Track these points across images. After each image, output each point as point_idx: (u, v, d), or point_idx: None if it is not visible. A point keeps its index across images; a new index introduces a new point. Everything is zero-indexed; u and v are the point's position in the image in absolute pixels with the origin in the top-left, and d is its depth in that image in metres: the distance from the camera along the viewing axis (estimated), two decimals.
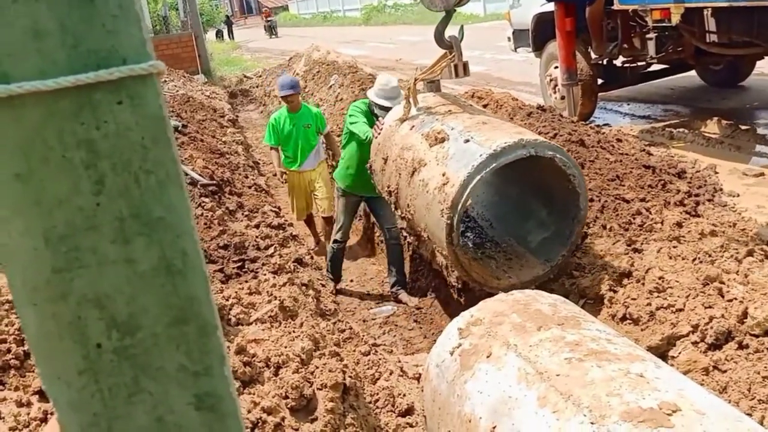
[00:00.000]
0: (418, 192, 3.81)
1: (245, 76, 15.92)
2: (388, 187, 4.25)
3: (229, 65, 19.74)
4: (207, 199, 4.64)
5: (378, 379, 3.51)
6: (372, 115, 4.83)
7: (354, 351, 3.60)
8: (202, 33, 16.03)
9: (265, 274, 3.67)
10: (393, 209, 4.45)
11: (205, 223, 4.20)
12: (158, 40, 15.21)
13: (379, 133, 4.24)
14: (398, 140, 4.13)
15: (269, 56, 21.22)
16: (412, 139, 3.98)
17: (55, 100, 0.68)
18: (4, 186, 0.67)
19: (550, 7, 6.70)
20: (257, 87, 14.39)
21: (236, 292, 3.25)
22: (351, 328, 3.87)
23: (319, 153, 5.94)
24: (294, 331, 3.02)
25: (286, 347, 2.84)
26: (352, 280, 5.81)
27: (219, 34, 33.98)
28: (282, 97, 5.76)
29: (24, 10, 0.65)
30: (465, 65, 4.14)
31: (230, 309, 3.07)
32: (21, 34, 0.66)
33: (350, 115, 4.97)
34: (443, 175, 3.57)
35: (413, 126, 4.06)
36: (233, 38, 32.59)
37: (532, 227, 4.07)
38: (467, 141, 3.60)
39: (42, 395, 2.21)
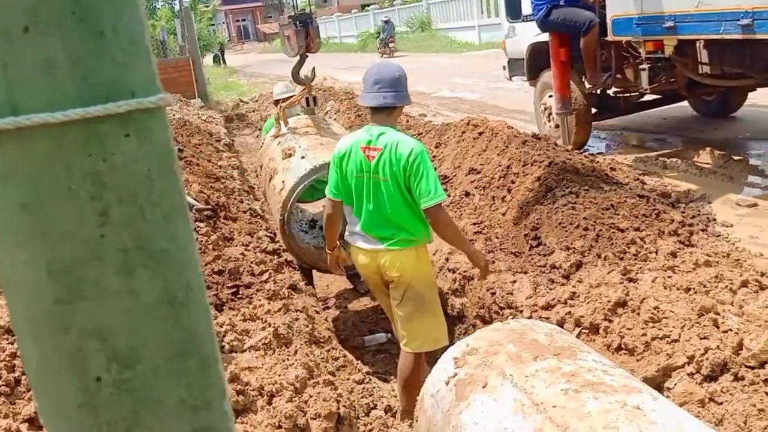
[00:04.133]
0: (271, 194, 5.06)
1: (241, 101, 16.00)
2: (262, 189, 5.53)
3: (225, 90, 19.85)
4: (202, 224, 4.63)
5: (373, 408, 3.48)
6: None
7: (348, 379, 3.57)
8: (200, 58, 16.16)
9: (259, 300, 3.65)
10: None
11: (200, 248, 4.18)
12: (156, 65, 15.30)
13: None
14: (269, 152, 5.36)
15: (266, 81, 21.36)
16: (275, 152, 5.16)
17: (63, 132, 0.68)
18: (10, 217, 0.67)
19: (545, 37, 6.79)
20: (253, 111, 14.46)
21: (230, 319, 3.23)
22: (345, 356, 3.84)
23: None
24: (288, 359, 3.00)
25: (279, 375, 2.82)
26: (346, 307, 5.78)
27: (216, 59, 34.23)
28: None
29: (35, 41, 0.65)
30: (315, 98, 5.46)
31: (224, 336, 3.05)
32: (31, 65, 0.66)
33: None
34: (282, 182, 4.73)
35: (279, 142, 5.22)
36: (225, 64, 32.84)
37: None
38: (303, 157, 4.70)
39: (31, 423, 2.18)
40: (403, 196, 3.09)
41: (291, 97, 5.77)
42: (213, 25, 43.89)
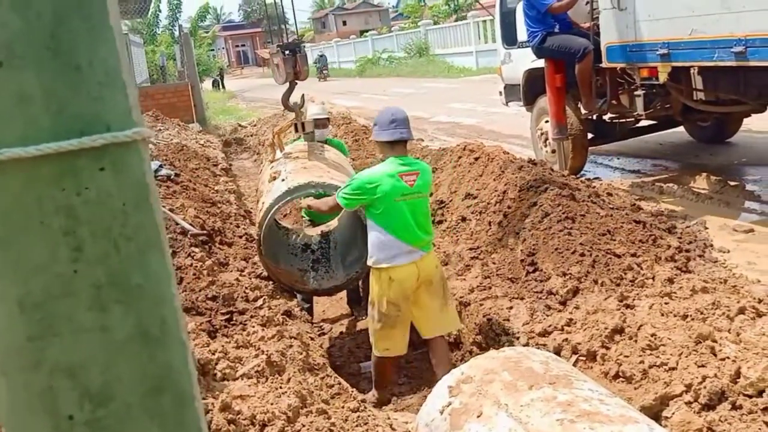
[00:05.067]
0: (259, 215, 5.14)
1: (240, 125, 16.07)
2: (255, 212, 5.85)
3: (224, 114, 19.94)
4: (197, 249, 4.61)
5: None
6: None
7: (342, 407, 3.51)
8: (198, 83, 16.26)
9: (253, 327, 3.62)
10: None
11: (194, 274, 4.15)
12: (155, 90, 15.41)
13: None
14: (262, 176, 5.62)
15: (264, 105, 21.48)
16: (266, 176, 5.35)
17: (36, 166, 0.67)
18: None
19: (541, 63, 6.84)
20: (252, 136, 14.51)
21: (223, 346, 3.19)
22: (340, 383, 3.78)
23: None
24: (281, 387, 2.96)
25: (272, 404, 2.78)
26: (342, 333, 5.73)
27: (216, 84, 34.49)
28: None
29: (9, 75, 0.65)
30: (304, 124, 5.48)
31: (216, 363, 3.01)
32: (6, 99, 0.66)
33: None
34: (263, 203, 4.90)
35: (272, 166, 5.40)
36: (224, 88, 33.23)
37: (351, 250, 5.14)
38: (283, 180, 4.86)
39: None
40: (428, 206, 3.97)
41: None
42: (213, 50, 44.29)
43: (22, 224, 0.67)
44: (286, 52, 5.36)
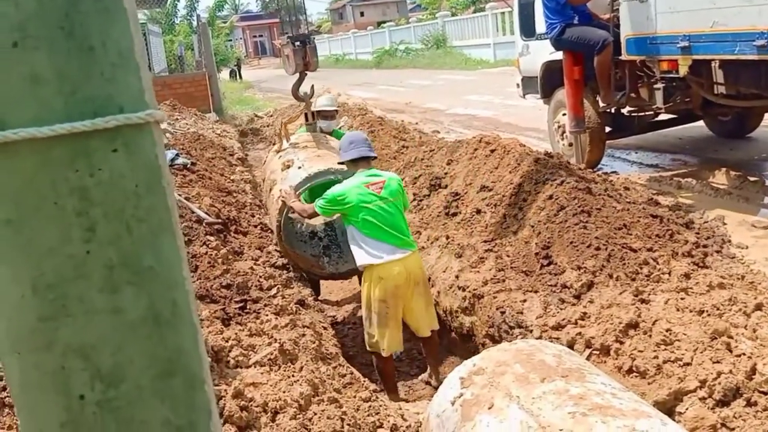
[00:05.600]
0: (271, 203, 5.47)
1: (256, 116, 16.11)
2: (264, 200, 6.08)
3: (241, 104, 20.00)
4: (212, 238, 4.63)
5: (379, 426, 3.43)
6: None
7: (354, 396, 3.53)
8: (216, 72, 16.31)
9: (266, 315, 3.64)
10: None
11: (209, 262, 4.18)
12: (173, 79, 15.48)
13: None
14: (271, 166, 5.78)
15: (280, 96, 21.51)
16: (277, 165, 5.52)
17: (50, 147, 0.67)
18: None
19: (559, 55, 6.78)
20: (268, 126, 14.55)
21: (236, 334, 3.21)
22: (352, 373, 3.80)
23: None
24: (293, 376, 2.97)
25: (284, 392, 2.79)
26: (355, 323, 5.75)
27: (233, 74, 34.59)
28: None
29: (23, 56, 0.65)
30: (314, 114, 5.77)
31: (229, 351, 3.03)
32: (19, 80, 0.66)
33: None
34: (280, 190, 5.00)
35: (281, 156, 5.59)
36: (241, 79, 33.45)
37: None
38: (300, 167, 5.07)
39: None
40: (402, 210, 4.26)
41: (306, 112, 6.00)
42: (230, 40, 44.40)
43: (35, 205, 0.68)
44: (296, 43, 5.48)
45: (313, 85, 5.93)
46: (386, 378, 4.36)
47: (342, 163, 4.45)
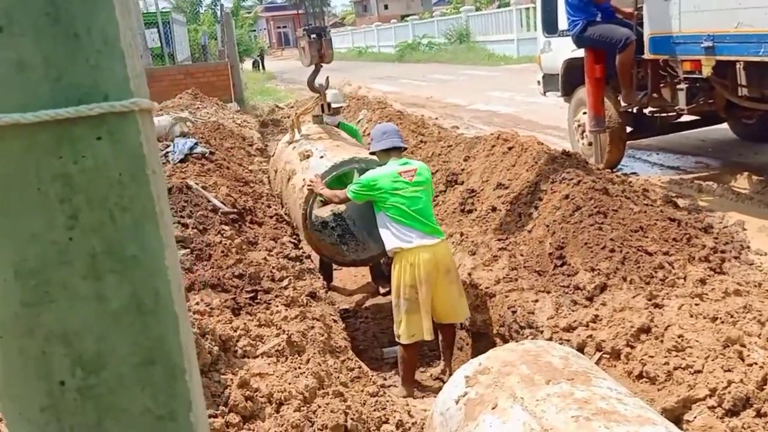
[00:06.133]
0: (290, 193, 5.43)
1: (277, 106, 16.15)
2: (277, 191, 6.07)
3: (262, 95, 20.06)
4: (227, 227, 4.65)
5: (384, 422, 3.43)
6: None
7: (362, 391, 3.53)
8: (238, 63, 16.38)
9: (277, 306, 3.65)
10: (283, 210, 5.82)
11: (223, 251, 4.19)
12: (195, 68, 15.58)
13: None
14: (284, 156, 5.84)
15: (302, 87, 21.54)
16: (292, 156, 5.61)
17: (34, 133, 0.67)
18: None
19: (581, 53, 6.70)
20: (288, 117, 14.58)
21: (245, 324, 3.23)
22: (360, 367, 3.80)
23: None
24: (299, 367, 2.98)
25: (290, 383, 2.80)
26: (367, 317, 5.76)
27: (255, 64, 34.73)
28: None
29: (8, 42, 0.65)
30: (328, 105, 5.89)
31: (237, 340, 3.05)
32: (5, 66, 0.66)
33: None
34: (303, 180, 5.07)
35: (294, 147, 5.70)
36: (264, 69, 33.69)
37: (374, 225, 5.05)
38: (321, 157, 5.17)
39: None
40: (430, 199, 4.40)
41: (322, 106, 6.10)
42: (254, 30, 44.57)
43: (19, 191, 0.68)
44: (312, 35, 5.57)
45: (328, 77, 6.01)
46: (406, 367, 4.39)
47: (374, 153, 4.54)
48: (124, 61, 0.69)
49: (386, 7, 58.69)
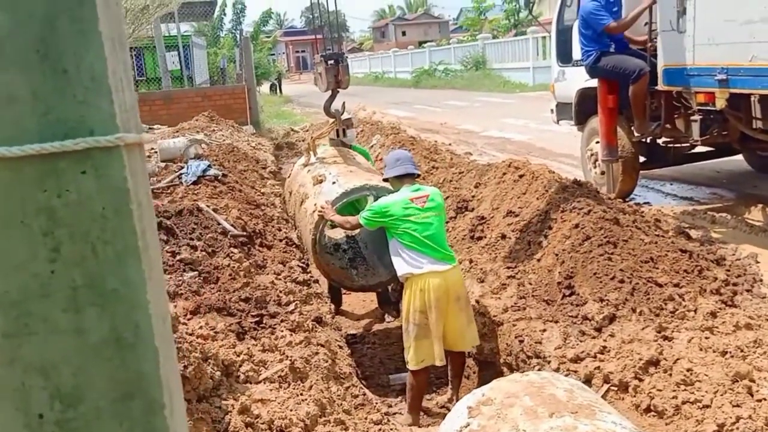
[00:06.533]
0: (302, 216, 5.48)
1: (292, 130, 16.29)
2: (291, 213, 6.22)
3: (278, 118, 20.24)
4: (236, 250, 4.67)
5: None
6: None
7: (365, 419, 3.49)
8: (255, 86, 16.56)
9: (282, 331, 3.63)
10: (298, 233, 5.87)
11: (230, 275, 4.20)
12: (213, 91, 15.78)
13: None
14: (299, 179, 5.89)
15: (318, 111, 21.74)
16: (306, 179, 5.64)
17: (20, 166, 0.68)
18: None
19: (594, 83, 6.70)
20: (303, 141, 14.68)
21: (249, 348, 3.22)
22: (365, 394, 3.77)
23: None
24: (302, 394, 2.96)
25: (291, 410, 2.78)
26: (374, 343, 5.72)
27: (273, 87, 35.14)
28: None
29: None
30: (344, 130, 5.91)
31: (240, 365, 3.04)
32: None
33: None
34: (314, 204, 5.10)
35: (309, 170, 5.72)
36: (281, 93, 34.32)
37: (386, 250, 4.95)
38: (334, 182, 5.16)
39: None
40: (443, 225, 4.38)
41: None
42: (273, 54, 45.13)
43: (3, 223, 0.69)
44: (330, 61, 5.61)
45: (344, 102, 6.07)
46: (414, 394, 4.32)
47: (386, 180, 4.55)
48: (111, 97, 0.70)
49: (404, 33, 59.35)
